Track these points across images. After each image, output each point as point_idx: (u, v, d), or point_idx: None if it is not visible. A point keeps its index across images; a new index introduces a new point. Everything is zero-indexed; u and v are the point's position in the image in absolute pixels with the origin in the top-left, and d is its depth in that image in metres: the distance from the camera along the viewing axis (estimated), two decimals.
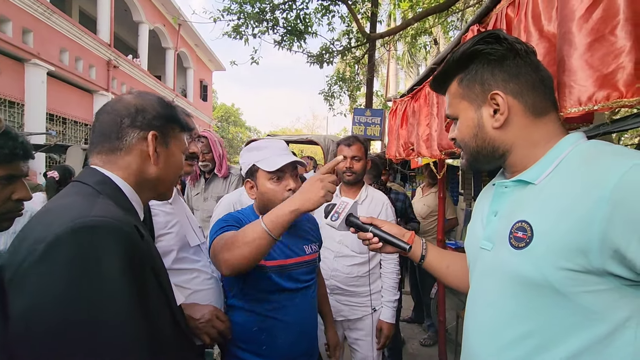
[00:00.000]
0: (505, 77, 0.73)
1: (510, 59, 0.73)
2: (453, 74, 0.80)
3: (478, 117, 0.76)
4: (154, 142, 0.82)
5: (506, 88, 0.73)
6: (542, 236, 0.65)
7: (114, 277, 0.61)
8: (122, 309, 0.62)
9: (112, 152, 0.80)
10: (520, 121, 0.73)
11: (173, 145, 0.88)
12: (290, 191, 1.23)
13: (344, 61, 8.49)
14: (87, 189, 0.74)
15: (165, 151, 0.86)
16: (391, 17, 10.91)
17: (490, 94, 0.73)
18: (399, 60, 14.37)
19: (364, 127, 7.21)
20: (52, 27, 8.97)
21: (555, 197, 0.66)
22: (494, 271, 0.75)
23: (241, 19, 6.31)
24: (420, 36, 8.53)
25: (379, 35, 6.62)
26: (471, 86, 0.76)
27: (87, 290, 0.59)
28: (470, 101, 0.77)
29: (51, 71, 8.92)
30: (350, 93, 8.83)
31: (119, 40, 14.01)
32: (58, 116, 9.67)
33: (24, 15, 8.14)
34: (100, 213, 0.66)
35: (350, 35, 7.49)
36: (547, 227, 0.65)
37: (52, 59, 8.97)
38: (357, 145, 1.99)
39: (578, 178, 0.63)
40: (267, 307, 1.23)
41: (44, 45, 8.66)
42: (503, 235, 0.73)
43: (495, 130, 0.75)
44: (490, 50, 0.73)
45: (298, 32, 6.66)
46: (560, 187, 0.66)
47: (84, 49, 10.24)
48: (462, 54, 0.76)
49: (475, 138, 0.78)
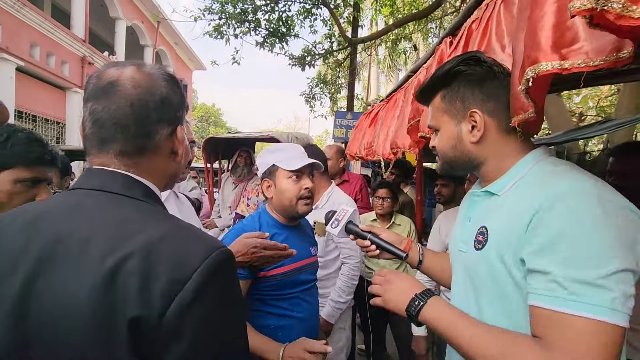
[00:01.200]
0: (484, 97, 0.80)
1: (489, 80, 0.80)
2: (437, 88, 0.87)
3: (458, 131, 0.84)
4: (182, 138, 0.70)
5: (483, 107, 0.80)
6: (492, 237, 0.76)
7: (242, 301, 0.67)
8: (245, 332, 0.66)
9: (139, 154, 0.66)
10: (493, 137, 0.81)
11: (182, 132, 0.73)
12: (307, 190, 1.33)
13: (326, 64, 8.55)
14: (142, 204, 0.64)
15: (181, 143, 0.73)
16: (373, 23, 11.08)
17: (470, 112, 0.81)
18: (380, 65, 14.59)
19: (345, 129, 7.29)
20: (22, 21, 8.58)
21: (510, 208, 0.74)
22: (467, 270, 0.85)
23: (222, 19, 6.26)
24: (400, 42, 8.71)
25: (360, 40, 6.72)
26: (453, 102, 0.84)
27: (235, 321, 0.63)
28: (452, 116, 0.85)
29: (20, 66, 8.53)
30: (331, 95, 8.90)
31: (95, 37, 13.55)
32: (28, 113, 9.24)
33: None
34: (218, 241, 0.63)
35: (332, 39, 7.56)
36: (498, 230, 0.75)
37: (22, 53, 8.58)
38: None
39: (529, 195, 0.71)
40: (283, 306, 1.31)
41: (12, 39, 8.27)
42: (472, 238, 0.82)
43: (472, 144, 0.83)
44: (471, 71, 0.81)
45: (280, 34, 6.67)
46: (515, 201, 0.74)
47: (56, 44, 9.85)
48: (447, 72, 0.83)
49: (454, 150, 0.86)
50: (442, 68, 0.85)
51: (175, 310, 0.53)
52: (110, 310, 0.53)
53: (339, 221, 1.15)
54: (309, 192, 1.34)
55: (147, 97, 0.65)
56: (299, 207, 1.35)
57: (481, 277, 0.78)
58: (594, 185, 0.65)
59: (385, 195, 2.65)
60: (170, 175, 0.74)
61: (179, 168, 0.75)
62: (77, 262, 0.56)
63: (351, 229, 1.13)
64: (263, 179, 1.40)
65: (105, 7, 12.38)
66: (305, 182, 1.35)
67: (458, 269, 0.91)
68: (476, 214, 0.86)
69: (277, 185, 1.35)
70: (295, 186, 1.33)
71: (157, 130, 0.66)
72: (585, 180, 0.66)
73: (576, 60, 0.54)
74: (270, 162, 1.37)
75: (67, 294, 0.54)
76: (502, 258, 0.71)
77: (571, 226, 0.61)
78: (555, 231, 0.62)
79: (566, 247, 0.61)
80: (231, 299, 0.61)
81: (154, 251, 0.56)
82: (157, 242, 0.57)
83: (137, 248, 0.55)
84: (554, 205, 0.64)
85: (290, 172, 1.33)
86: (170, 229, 0.61)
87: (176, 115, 0.70)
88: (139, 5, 13.60)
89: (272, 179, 1.37)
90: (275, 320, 1.29)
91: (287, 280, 1.32)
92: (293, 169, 1.32)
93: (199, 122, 27.72)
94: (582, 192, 0.64)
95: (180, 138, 0.70)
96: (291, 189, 1.33)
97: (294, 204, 1.34)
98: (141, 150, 0.66)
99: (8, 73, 8.23)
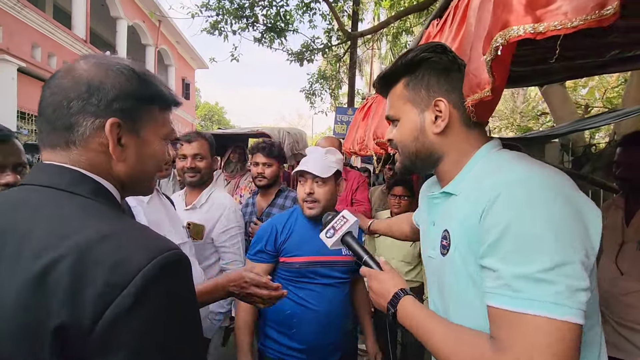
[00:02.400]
0: (449, 88, 0.77)
1: (455, 72, 0.77)
2: (400, 76, 0.82)
3: (420, 121, 0.79)
4: (114, 133, 0.61)
5: (449, 97, 0.76)
6: (454, 240, 0.71)
7: (191, 309, 0.59)
8: (194, 340, 0.58)
9: (67, 147, 0.60)
10: (456, 130, 0.77)
11: (148, 131, 0.66)
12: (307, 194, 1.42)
13: (326, 59, 8.46)
14: (88, 202, 0.59)
15: (137, 141, 0.65)
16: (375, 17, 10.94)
17: (435, 100, 0.76)
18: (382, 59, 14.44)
19: (346, 125, 7.21)
20: (22, 22, 8.62)
21: (464, 205, 0.70)
22: (435, 276, 0.81)
23: (219, 15, 6.20)
24: (401, 35, 8.58)
25: (360, 34, 6.62)
26: (417, 90, 0.79)
27: (181, 329, 0.56)
28: (415, 104, 0.80)
29: (22, 67, 8.57)
30: (331, 91, 8.81)
31: (96, 36, 13.60)
32: (30, 114, 9.30)
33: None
34: (169, 243, 0.57)
35: (331, 34, 7.46)
36: (457, 231, 0.70)
37: (23, 54, 8.62)
38: (199, 142, 1.82)
39: (478, 188, 0.68)
40: (299, 295, 1.40)
41: (13, 40, 8.31)
42: (437, 243, 0.78)
43: (434, 135, 0.78)
44: (437, 59, 0.78)
45: (278, 29, 6.59)
46: (466, 196, 0.71)
47: (57, 45, 9.88)
48: (412, 58, 0.79)
49: (416, 141, 0.80)
50: (406, 55, 0.81)
51: (110, 317, 0.48)
52: (37, 314, 0.48)
53: (335, 230, 1.00)
54: (308, 197, 1.42)
55: (68, 85, 0.60)
56: (304, 210, 1.45)
57: (449, 285, 0.73)
58: (543, 172, 0.63)
59: (401, 193, 2.51)
60: (124, 177, 0.65)
61: (140, 171, 0.67)
62: (12, 260, 0.51)
63: (348, 242, 0.98)
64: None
65: (106, 7, 12.40)
66: (306, 187, 1.44)
67: (430, 276, 0.87)
68: (438, 217, 0.82)
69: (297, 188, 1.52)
70: (300, 189, 1.47)
71: (78, 122, 0.59)
72: (534, 169, 0.64)
73: (552, 22, 0.46)
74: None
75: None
76: (465, 261, 0.67)
77: (515, 218, 0.58)
78: (501, 225, 0.59)
79: (510, 241, 0.58)
80: (177, 307, 0.55)
81: (91, 252, 0.50)
82: (96, 242, 0.51)
83: (72, 248, 0.50)
84: (499, 197, 0.61)
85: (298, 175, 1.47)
86: (115, 229, 0.55)
87: (111, 105, 0.61)
88: (140, 4, 13.60)
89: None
90: (291, 306, 1.39)
91: (306, 270, 1.40)
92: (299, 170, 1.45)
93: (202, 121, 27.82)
94: (528, 180, 0.61)
95: (108, 132, 0.60)
96: (299, 192, 1.47)
97: (303, 206, 1.47)
98: (67, 143, 0.60)
99: (9, 74, 8.27)
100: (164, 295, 0.53)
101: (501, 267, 0.58)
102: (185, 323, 0.57)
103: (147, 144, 0.67)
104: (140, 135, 0.65)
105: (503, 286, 0.58)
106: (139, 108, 0.65)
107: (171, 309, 0.54)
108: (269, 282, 1.07)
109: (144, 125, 0.66)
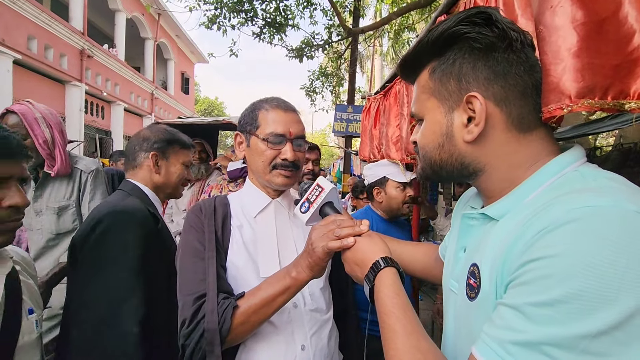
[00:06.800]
0: (490, 75, 0.55)
1: (500, 52, 0.55)
2: (426, 59, 0.62)
3: (447, 124, 0.59)
4: (154, 159, 1.32)
5: (488, 90, 0.55)
6: (485, 282, 0.53)
7: (130, 242, 1.11)
8: (130, 263, 1.10)
9: (133, 169, 1.33)
10: (499, 136, 0.56)
11: (172, 158, 1.37)
12: (409, 197, 1.81)
13: (326, 56, 8.33)
14: (123, 193, 1.27)
15: (166, 163, 1.35)
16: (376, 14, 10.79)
17: (467, 96, 0.56)
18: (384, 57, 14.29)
19: (346, 123, 7.11)
20: (18, 13, 8.47)
21: (505, 236, 0.51)
22: (459, 319, 0.62)
23: (218, 9, 6.07)
24: (403, 32, 8.44)
25: (361, 30, 6.48)
26: (445, 80, 0.58)
27: (117, 248, 1.11)
28: (441, 100, 0.59)
29: (18, 59, 8.44)
30: (332, 89, 8.69)
31: (94, 29, 13.42)
32: None
33: None
34: (127, 204, 1.18)
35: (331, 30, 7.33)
36: (490, 269, 0.52)
37: (19, 46, 8.48)
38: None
39: (531, 219, 0.48)
40: None
41: (9, 31, 8.17)
42: (464, 278, 0.60)
43: (466, 144, 0.57)
44: (476, 34, 0.55)
45: (278, 24, 6.46)
46: (514, 225, 0.51)
47: (54, 37, 9.73)
48: (440, 35, 0.57)
49: (440, 150, 0.60)
50: (435, 30, 0.58)
51: (83, 235, 1.16)
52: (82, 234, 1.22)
53: (310, 203, 0.81)
54: (410, 199, 1.83)
55: (134, 138, 1.35)
56: (403, 210, 1.83)
57: (476, 335, 0.51)
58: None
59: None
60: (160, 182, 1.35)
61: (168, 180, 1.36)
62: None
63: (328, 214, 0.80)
64: (374, 187, 1.86)
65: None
66: (408, 190, 1.82)
67: (449, 311, 0.67)
68: (471, 243, 0.62)
69: (387, 193, 1.83)
70: (401, 194, 1.81)
71: (139, 155, 1.33)
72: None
73: None
74: (382, 174, 1.84)
75: None
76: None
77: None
78: None
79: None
80: (118, 236, 1.12)
81: (99, 207, 1.24)
82: (102, 203, 1.27)
83: (99, 207, 1.24)
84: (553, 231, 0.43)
85: (399, 183, 1.80)
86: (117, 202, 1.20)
87: (152, 146, 1.32)
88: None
89: (382, 187, 1.84)
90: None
91: None
92: (403, 180, 1.80)
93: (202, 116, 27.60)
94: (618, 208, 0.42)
95: (150, 159, 1.31)
96: (399, 197, 1.80)
97: (401, 207, 1.82)
98: (135, 167, 1.34)
99: (5, 66, 8.14)
100: (109, 229, 1.11)
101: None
102: (120, 248, 1.11)
103: (172, 165, 1.37)
104: (168, 160, 1.36)
105: None
106: (168, 147, 1.35)
107: (115, 236, 1.11)
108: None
109: (170, 155, 1.36)
